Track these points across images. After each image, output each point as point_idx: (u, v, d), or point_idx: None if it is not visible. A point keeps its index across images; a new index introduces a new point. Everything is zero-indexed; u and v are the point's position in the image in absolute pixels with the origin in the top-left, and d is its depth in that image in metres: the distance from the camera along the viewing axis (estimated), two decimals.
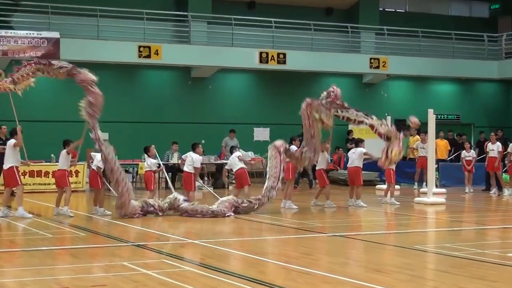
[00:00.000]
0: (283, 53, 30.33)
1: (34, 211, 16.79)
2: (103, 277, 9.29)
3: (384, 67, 32.25)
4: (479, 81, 35.58)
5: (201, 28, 30.42)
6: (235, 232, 14.54)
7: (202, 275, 9.24)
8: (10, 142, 16.25)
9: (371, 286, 8.59)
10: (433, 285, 8.90)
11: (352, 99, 32.90)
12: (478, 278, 9.16)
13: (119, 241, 12.55)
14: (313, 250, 11.96)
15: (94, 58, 27.78)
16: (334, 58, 31.70)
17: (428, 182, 20.19)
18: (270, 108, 31.59)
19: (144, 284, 8.73)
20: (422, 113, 21.70)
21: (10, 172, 16.14)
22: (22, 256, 11.31)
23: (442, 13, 37.73)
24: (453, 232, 14.54)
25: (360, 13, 34.19)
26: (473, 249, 11.55)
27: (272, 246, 12.26)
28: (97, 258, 10.90)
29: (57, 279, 9.06)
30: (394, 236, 14.11)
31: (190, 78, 30.63)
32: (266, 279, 8.98)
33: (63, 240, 13.11)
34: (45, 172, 23.78)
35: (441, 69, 33.48)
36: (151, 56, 28.23)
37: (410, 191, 24.25)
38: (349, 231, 14.40)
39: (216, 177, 26.68)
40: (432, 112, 20.26)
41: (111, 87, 29.38)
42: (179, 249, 11.76)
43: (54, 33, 26.49)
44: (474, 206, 20.84)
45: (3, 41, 25.58)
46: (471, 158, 24.40)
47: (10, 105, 16.68)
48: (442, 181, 25.64)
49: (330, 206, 18.51)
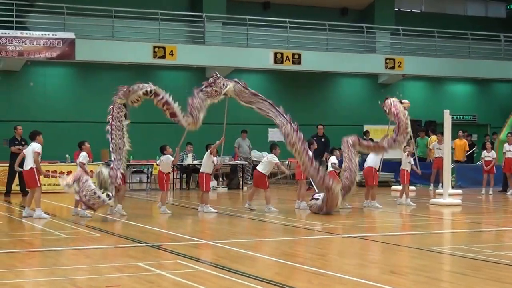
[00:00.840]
0: (298, 54, 30.30)
1: (49, 211, 16.81)
2: (118, 278, 9.28)
3: (400, 67, 32.15)
4: (496, 81, 35.43)
5: (216, 29, 30.43)
6: (249, 233, 14.52)
7: (216, 276, 9.22)
8: (34, 148, 16.16)
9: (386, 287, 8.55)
10: (448, 287, 8.85)
11: (367, 99, 33.03)
12: (495, 280, 9.10)
13: (133, 242, 12.55)
14: (328, 251, 11.92)
15: (109, 59, 27.92)
16: (349, 58, 31.64)
17: (444, 183, 20.09)
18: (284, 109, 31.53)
19: (158, 284, 8.72)
20: (438, 114, 21.66)
21: (30, 173, 16.17)
22: (36, 256, 11.34)
23: (458, 13, 37.61)
24: (469, 234, 14.48)
25: (376, 13, 34.13)
26: (489, 250, 11.48)
27: (287, 247, 12.21)
28: (111, 259, 10.90)
29: (71, 280, 9.05)
30: (409, 237, 14.04)
31: (204, 78, 30.51)
32: (280, 280, 8.95)
33: (77, 240, 13.11)
34: (60, 172, 23.82)
35: (457, 69, 33.35)
36: (166, 57, 28.27)
37: (425, 192, 24.15)
38: (364, 232, 14.34)
39: (231, 178, 26.67)
40: (448, 113, 20.15)
41: None
42: (193, 250, 11.74)
43: (69, 33, 26.58)
44: (490, 208, 20.73)
45: (18, 41, 25.68)
46: (491, 158, 24.05)
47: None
48: (458, 182, 25.51)
49: (345, 207, 18.45)
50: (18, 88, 28.08)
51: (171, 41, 28.99)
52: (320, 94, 32.80)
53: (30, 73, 28.37)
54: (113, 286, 8.72)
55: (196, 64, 29.61)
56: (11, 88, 28.02)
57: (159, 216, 16.73)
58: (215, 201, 20.25)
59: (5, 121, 26.45)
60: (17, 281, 8.97)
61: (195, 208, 18.04)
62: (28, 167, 16.15)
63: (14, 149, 21.68)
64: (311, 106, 31.80)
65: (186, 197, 23.20)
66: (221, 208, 18.48)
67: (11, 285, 8.67)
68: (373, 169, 19.28)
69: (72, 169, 22.86)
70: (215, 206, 18.05)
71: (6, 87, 28.02)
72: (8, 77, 28.01)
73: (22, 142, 21.75)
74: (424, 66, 32.77)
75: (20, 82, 28.17)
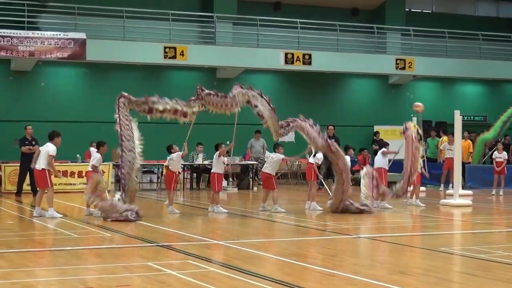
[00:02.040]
0: (308, 54, 30.31)
1: (61, 211, 16.85)
2: (128, 277, 9.32)
3: (410, 68, 32.11)
4: (506, 81, 35.35)
5: (227, 29, 30.47)
6: (260, 233, 14.54)
7: (226, 276, 9.24)
8: (49, 151, 16.13)
9: None
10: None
11: (377, 100, 33.02)
12: (504, 281, 9.10)
13: (144, 242, 12.59)
14: (338, 251, 11.92)
15: (120, 59, 28.02)
16: (360, 59, 31.63)
17: (454, 184, 20.05)
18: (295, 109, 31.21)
19: (169, 284, 8.74)
20: (449, 114, 21.61)
21: (42, 174, 16.20)
22: (47, 256, 11.39)
23: (469, 13, 37.54)
24: (479, 234, 14.45)
25: (386, 13, 34.11)
26: (499, 251, 11.46)
27: (297, 248, 12.23)
28: (121, 258, 10.93)
29: (81, 279, 9.09)
30: (419, 238, 14.04)
31: (215, 79, 30.68)
32: (291, 280, 8.96)
33: (88, 240, 13.17)
34: (71, 172, 23.91)
35: (468, 70, 33.29)
36: (177, 57, 28.34)
37: (436, 192, 24.12)
38: (374, 232, 14.34)
39: (241, 178, 26.69)
40: (459, 114, 20.11)
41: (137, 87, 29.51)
42: (204, 250, 11.76)
43: (81, 34, 26.68)
44: (500, 208, 20.69)
45: (30, 42, 25.79)
46: (502, 159, 23.98)
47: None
48: (468, 183, 25.45)
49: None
50: (29, 88, 28.20)
51: (182, 41, 29.05)
52: (330, 94, 32.79)
53: (41, 73, 28.49)
54: (123, 286, 8.76)
55: (207, 64, 29.66)
56: (22, 88, 28.14)
57: (169, 216, 16.77)
58: (225, 201, 20.27)
59: (16, 120, 26.57)
60: (28, 280, 9.01)
61: (205, 208, 18.08)
62: (40, 167, 16.18)
63: (24, 149, 21.76)
64: (322, 106, 31.78)
65: (197, 197, 23.23)
66: (232, 208, 18.50)
67: (22, 285, 8.70)
68: (382, 169, 19.32)
69: (82, 169, 22.98)
70: (226, 206, 18.09)
71: (17, 87, 28.15)
72: (20, 77, 28.14)
73: (33, 142, 21.82)
74: (435, 67, 32.72)
75: (31, 82, 28.28)
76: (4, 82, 28.19)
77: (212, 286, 8.61)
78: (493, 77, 34.35)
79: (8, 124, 26.96)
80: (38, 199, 16.42)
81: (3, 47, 25.54)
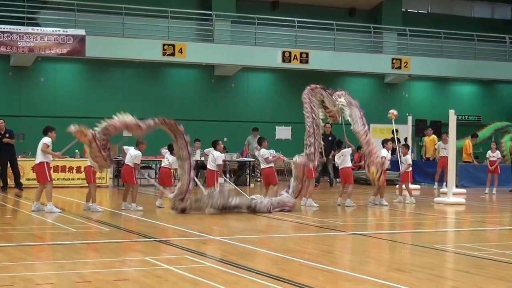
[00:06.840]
0: (305, 53, 30.42)
1: (59, 206, 16.92)
2: (125, 272, 9.41)
3: (406, 67, 32.25)
4: (501, 82, 35.49)
5: (225, 27, 30.57)
6: (256, 229, 14.61)
7: (223, 271, 9.31)
8: (42, 140, 16.26)
9: (391, 284, 8.64)
10: (453, 285, 8.93)
11: (373, 99, 33.13)
12: (498, 278, 9.20)
13: (142, 236, 12.65)
14: (334, 248, 12.04)
15: (119, 56, 28.07)
16: (357, 58, 31.75)
17: (448, 182, 20.16)
18: (292, 107, 31.57)
19: (166, 279, 8.81)
20: (444, 114, 21.71)
21: (40, 168, 16.29)
22: (45, 250, 11.47)
23: (465, 14, 37.65)
24: (473, 232, 14.54)
25: (383, 13, 34.23)
26: (493, 249, 11.59)
27: (293, 244, 12.31)
28: (119, 253, 11.02)
29: (79, 273, 9.13)
30: (414, 235, 14.15)
31: (213, 76, 30.80)
32: (287, 276, 9.05)
33: (86, 235, 13.24)
34: (69, 167, 24.00)
35: (463, 70, 33.43)
36: (175, 54, 28.42)
37: (430, 191, 24.24)
38: (369, 230, 14.45)
39: (238, 174, 26.80)
40: (454, 113, 20.25)
41: (135, 84, 29.70)
42: (201, 245, 11.84)
43: (80, 30, 26.74)
44: (494, 207, 20.81)
45: (29, 38, 25.86)
46: (496, 158, 24.12)
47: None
48: (460, 182, 25.55)
49: (350, 204, 18.54)
50: (29, 84, 28.26)
51: (180, 39, 29.14)
52: None
53: (41, 69, 28.55)
54: (121, 280, 8.80)
55: (205, 62, 29.77)
56: (22, 84, 28.20)
57: (167, 211, 16.82)
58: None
59: (16, 116, 26.67)
60: (26, 274, 9.05)
61: None
62: (38, 161, 16.28)
63: (5, 140, 22.01)
64: None
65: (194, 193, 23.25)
66: None
67: (20, 278, 8.75)
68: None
69: (81, 164, 23.05)
70: None
71: (16, 82, 28.20)
72: (19, 73, 28.20)
73: (6, 134, 22.04)
74: (430, 67, 32.85)
75: (31, 78, 28.34)
76: (3, 78, 28.24)
77: (209, 281, 8.66)
78: (487, 78, 34.49)
79: (7, 119, 26.96)
80: (37, 194, 16.49)
81: (2, 42, 25.62)
